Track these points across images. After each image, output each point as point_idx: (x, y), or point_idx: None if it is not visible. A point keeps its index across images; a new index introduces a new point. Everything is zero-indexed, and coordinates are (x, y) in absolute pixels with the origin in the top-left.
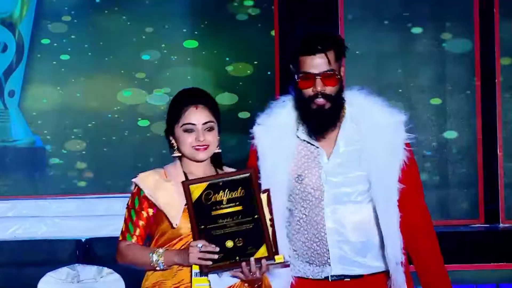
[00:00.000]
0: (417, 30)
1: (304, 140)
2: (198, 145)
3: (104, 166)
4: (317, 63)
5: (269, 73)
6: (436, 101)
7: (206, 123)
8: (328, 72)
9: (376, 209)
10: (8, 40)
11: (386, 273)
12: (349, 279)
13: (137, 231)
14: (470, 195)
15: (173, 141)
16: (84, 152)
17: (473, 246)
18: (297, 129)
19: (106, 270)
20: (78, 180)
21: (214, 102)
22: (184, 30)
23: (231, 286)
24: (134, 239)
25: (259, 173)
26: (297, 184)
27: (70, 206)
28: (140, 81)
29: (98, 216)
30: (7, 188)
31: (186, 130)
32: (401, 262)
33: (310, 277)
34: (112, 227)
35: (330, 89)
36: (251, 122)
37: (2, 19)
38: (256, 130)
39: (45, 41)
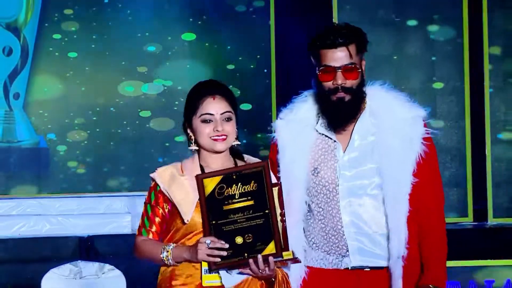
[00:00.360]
0: (412, 22)
1: (322, 134)
2: (216, 135)
3: (105, 156)
4: (338, 56)
5: (265, 70)
6: (433, 90)
7: (224, 113)
8: (349, 66)
9: (384, 200)
10: (13, 44)
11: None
12: (369, 269)
13: (153, 227)
14: (459, 194)
15: (190, 134)
16: (86, 142)
17: (461, 244)
18: (317, 123)
19: (107, 266)
20: (76, 168)
21: (231, 93)
22: (185, 23)
23: (243, 281)
24: (150, 235)
25: (279, 166)
26: (313, 177)
27: (73, 205)
28: (142, 74)
29: (100, 214)
30: (12, 187)
31: (204, 121)
32: (402, 256)
33: (330, 267)
34: (113, 225)
35: (350, 82)
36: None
37: (7, 23)
38: (277, 124)
39: (56, 36)
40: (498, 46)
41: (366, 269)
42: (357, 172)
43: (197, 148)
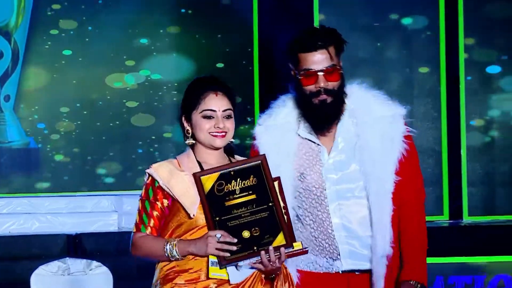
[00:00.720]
0: (394, 16)
1: (305, 138)
2: (216, 132)
3: (94, 149)
4: (319, 59)
5: (250, 68)
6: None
7: (225, 110)
8: (330, 68)
9: (368, 199)
10: (4, 48)
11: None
12: (359, 273)
13: (152, 222)
14: (435, 192)
15: (188, 128)
16: (74, 133)
17: (437, 241)
18: (298, 127)
19: (94, 263)
20: (64, 163)
21: (232, 91)
22: (171, 16)
23: (247, 278)
24: (148, 230)
25: None
26: (300, 183)
27: (61, 204)
28: (130, 67)
29: (87, 212)
30: (2, 186)
31: (205, 116)
32: (387, 255)
33: (320, 271)
34: (100, 223)
35: (332, 84)
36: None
37: None
38: (257, 130)
39: (53, 31)
40: (472, 37)
41: (357, 273)
42: (343, 174)
43: (193, 142)
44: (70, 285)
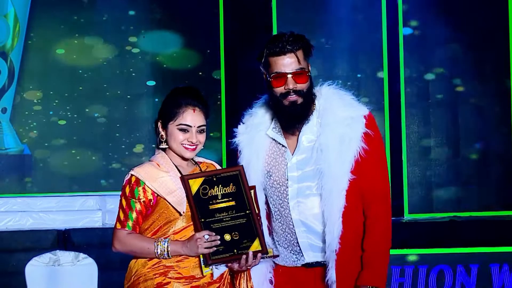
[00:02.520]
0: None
1: (273, 138)
2: (188, 145)
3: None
4: (288, 63)
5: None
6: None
7: (200, 126)
8: (299, 70)
9: (322, 196)
10: (1, 66)
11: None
12: (323, 264)
13: (136, 220)
14: None
15: (162, 134)
16: (64, 141)
17: None
18: (269, 127)
19: (82, 255)
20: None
21: (208, 106)
22: None
23: (222, 273)
24: (132, 227)
25: None
26: (267, 180)
27: (52, 203)
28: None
29: (75, 210)
30: (0, 188)
31: (181, 129)
32: (335, 250)
33: (290, 264)
34: (87, 220)
35: (301, 86)
36: None
37: None
38: (239, 128)
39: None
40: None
41: (322, 263)
42: (303, 173)
43: (166, 146)
44: (60, 274)
